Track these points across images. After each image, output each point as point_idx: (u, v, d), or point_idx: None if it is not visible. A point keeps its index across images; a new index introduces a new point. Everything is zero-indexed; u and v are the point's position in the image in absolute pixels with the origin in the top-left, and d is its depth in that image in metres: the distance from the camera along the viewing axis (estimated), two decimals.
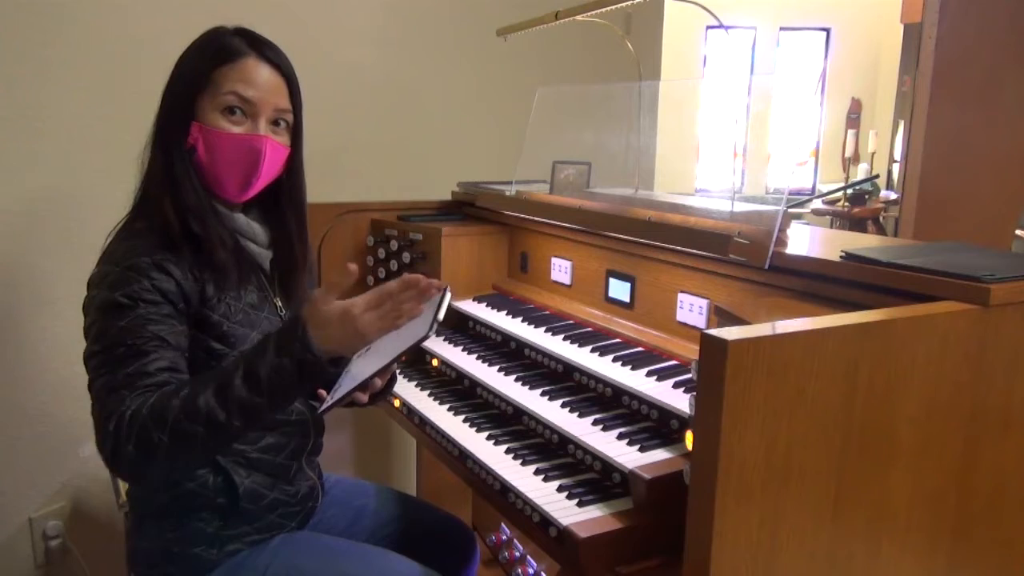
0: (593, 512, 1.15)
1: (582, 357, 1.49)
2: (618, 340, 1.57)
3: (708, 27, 7.16)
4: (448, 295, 1.45)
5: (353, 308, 1.09)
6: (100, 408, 1.07)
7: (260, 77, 1.24)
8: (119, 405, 1.05)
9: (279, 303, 1.37)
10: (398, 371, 1.80)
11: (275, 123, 1.28)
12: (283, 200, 1.37)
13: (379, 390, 1.40)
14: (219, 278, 1.23)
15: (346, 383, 1.39)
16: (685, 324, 1.50)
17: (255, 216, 1.35)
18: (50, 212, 1.79)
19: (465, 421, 1.51)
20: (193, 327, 1.21)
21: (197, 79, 1.23)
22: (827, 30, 7.51)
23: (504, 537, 2.15)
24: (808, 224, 1.80)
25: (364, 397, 1.38)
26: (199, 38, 1.27)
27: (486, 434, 1.44)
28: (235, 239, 1.29)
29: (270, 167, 1.28)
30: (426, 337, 1.29)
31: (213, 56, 1.23)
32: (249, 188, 1.28)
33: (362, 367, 1.44)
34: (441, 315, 1.38)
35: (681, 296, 1.50)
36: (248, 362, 1.06)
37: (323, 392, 1.49)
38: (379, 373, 1.26)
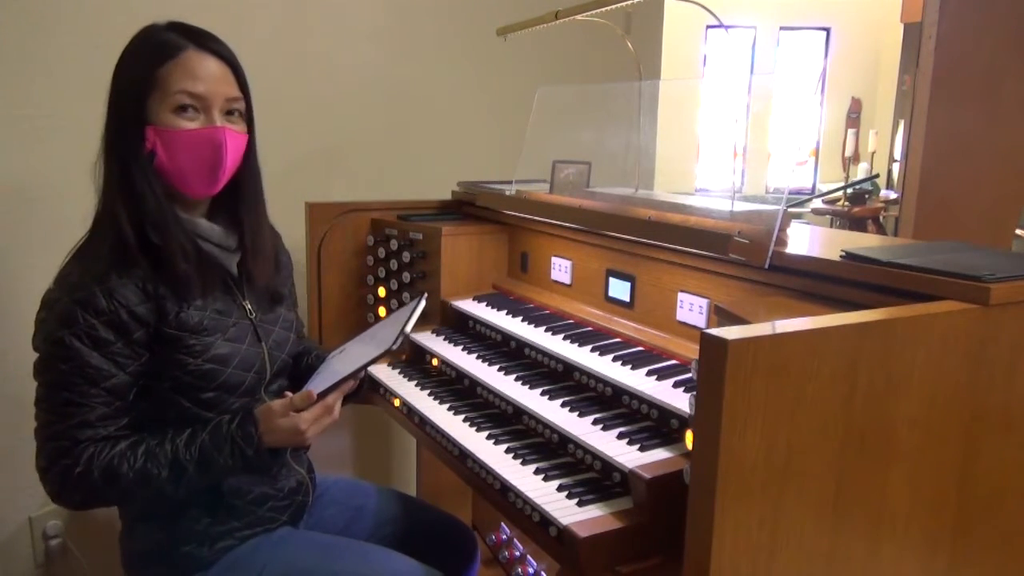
0: (593, 512, 1.15)
1: (582, 356, 1.49)
2: (618, 339, 1.57)
3: (708, 27, 7.17)
4: (422, 305, 1.46)
5: (301, 424, 1.22)
6: (42, 452, 1.19)
7: (205, 69, 1.22)
8: (62, 457, 1.16)
9: (248, 305, 1.34)
10: (396, 369, 1.81)
11: (228, 113, 1.26)
12: (241, 192, 1.33)
13: (351, 391, 1.40)
14: (181, 289, 1.21)
15: (322, 379, 1.37)
16: (685, 324, 1.50)
17: (220, 220, 1.32)
18: (50, 212, 1.79)
19: (465, 420, 1.51)
20: (155, 343, 1.20)
21: (142, 82, 1.20)
22: (827, 30, 7.51)
23: (504, 537, 2.15)
24: (808, 224, 1.80)
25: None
26: (133, 39, 1.24)
27: (486, 433, 1.44)
28: (196, 245, 1.26)
29: (234, 157, 1.27)
30: (390, 350, 1.31)
31: (152, 55, 1.20)
32: (216, 182, 1.26)
33: (339, 365, 1.43)
34: (409, 327, 1.38)
35: (681, 296, 1.50)
36: (204, 451, 1.19)
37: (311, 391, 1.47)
38: (351, 377, 1.28)
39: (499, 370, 1.60)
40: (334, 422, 1.27)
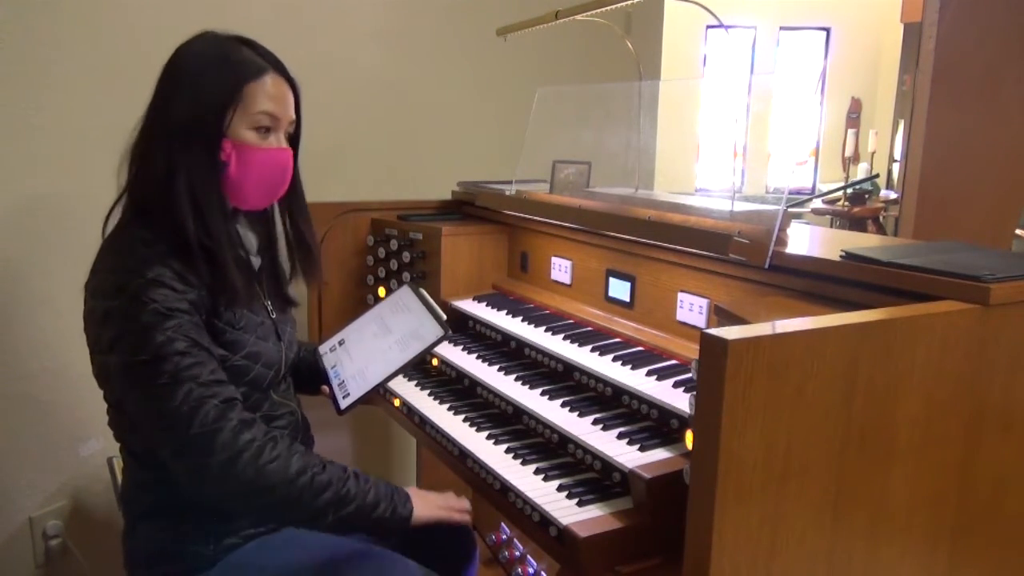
0: (593, 511, 1.15)
1: (582, 356, 1.49)
2: (618, 340, 1.57)
3: (708, 27, 7.16)
4: (421, 290, 1.51)
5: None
6: (194, 417, 1.10)
7: (280, 92, 1.26)
8: (224, 418, 1.12)
9: (269, 305, 1.38)
10: None
11: (288, 134, 1.31)
12: (287, 205, 1.40)
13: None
14: (229, 296, 1.23)
15: (356, 385, 1.42)
16: (685, 324, 1.50)
17: (243, 224, 1.35)
18: (49, 210, 1.79)
19: (465, 420, 1.51)
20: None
21: (228, 95, 1.21)
22: (827, 30, 7.51)
23: (504, 536, 2.15)
24: (808, 224, 1.80)
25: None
26: (202, 48, 1.25)
27: (486, 433, 1.44)
28: (244, 255, 1.30)
29: (290, 177, 1.33)
30: (444, 338, 1.35)
31: (238, 71, 1.22)
32: (272, 199, 1.33)
33: (361, 366, 1.46)
34: (441, 312, 1.42)
35: (681, 296, 1.50)
36: (378, 491, 1.24)
37: (326, 388, 1.53)
38: (395, 375, 1.30)
39: (499, 370, 1.60)
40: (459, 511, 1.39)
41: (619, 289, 1.66)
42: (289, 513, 1.19)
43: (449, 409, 1.57)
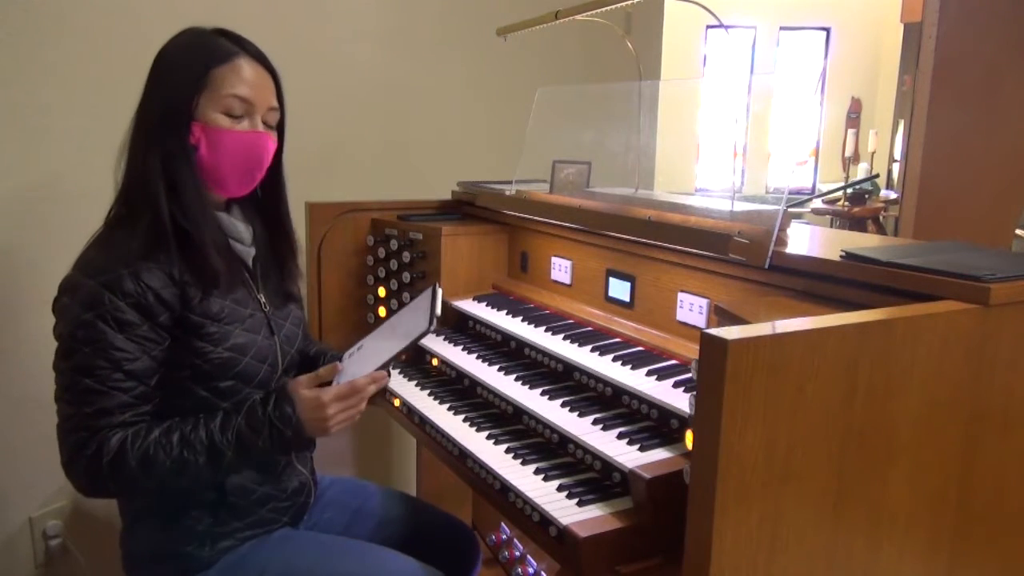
0: (593, 511, 1.15)
1: (582, 356, 1.49)
2: (618, 340, 1.57)
3: (708, 27, 7.16)
4: (439, 291, 1.48)
5: (323, 398, 1.23)
6: (64, 445, 1.16)
7: (254, 76, 1.26)
8: (83, 448, 1.14)
9: (262, 298, 1.37)
10: (396, 369, 1.81)
11: (266, 120, 1.30)
12: (267, 195, 1.39)
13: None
14: (208, 281, 1.23)
15: (352, 373, 1.41)
16: (685, 324, 1.50)
17: (236, 215, 1.35)
18: (51, 211, 1.79)
19: (465, 420, 1.51)
20: (177, 329, 1.21)
21: (194, 80, 1.23)
22: (827, 30, 7.51)
23: (504, 536, 2.15)
24: (808, 223, 1.80)
25: None
26: (179, 39, 1.28)
27: (486, 433, 1.44)
28: (226, 240, 1.30)
29: (268, 162, 1.32)
30: (427, 332, 1.33)
31: (207, 55, 1.24)
32: (250, 184, 1.31)
33: (358, 367, 1.45)
34: (439, 310, 1.40)
35: (681, 296, 1.50)
36: (241, 436, 1.19)
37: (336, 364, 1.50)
38: (385, 366, 1.29)
39: (499, 370, 1.60)
40: (359, 413, 1.29)
41: (619, 289, 1.66)
42: (171, 487, 1.20)
43: (449, 409, 1.57)
